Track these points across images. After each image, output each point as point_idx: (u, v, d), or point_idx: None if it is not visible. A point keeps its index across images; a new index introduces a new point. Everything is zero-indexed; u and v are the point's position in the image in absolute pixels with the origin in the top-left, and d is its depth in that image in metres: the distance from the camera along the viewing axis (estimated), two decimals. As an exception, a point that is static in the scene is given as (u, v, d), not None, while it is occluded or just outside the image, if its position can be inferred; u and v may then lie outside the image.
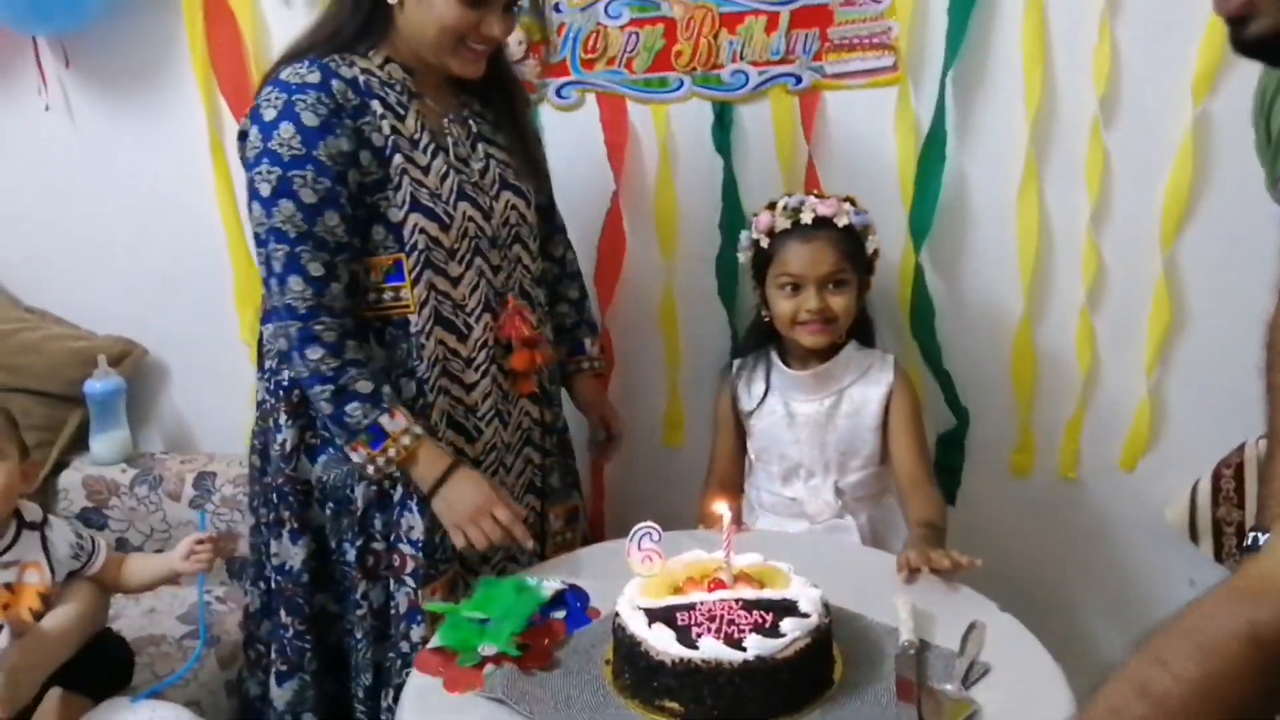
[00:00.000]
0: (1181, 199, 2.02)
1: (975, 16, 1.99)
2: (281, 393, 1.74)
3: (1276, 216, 1.51)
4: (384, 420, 1.63)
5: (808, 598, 1.33)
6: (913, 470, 1.81)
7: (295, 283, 1.62)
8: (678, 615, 1.30)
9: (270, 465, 1.79)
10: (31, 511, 1.73)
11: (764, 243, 1.86)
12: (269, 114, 1.61)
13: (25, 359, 2.32)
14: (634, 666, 1.29)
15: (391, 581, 1.75)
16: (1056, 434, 2.21)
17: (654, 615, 1.31)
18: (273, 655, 1.84)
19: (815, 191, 1.89)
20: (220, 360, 2.41)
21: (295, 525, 1.77)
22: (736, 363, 1.95)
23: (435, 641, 1.47)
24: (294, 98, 1.60)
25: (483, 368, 1.75)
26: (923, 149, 2.06)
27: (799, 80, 2.07)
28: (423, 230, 1.67)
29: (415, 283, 1.68)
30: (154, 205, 2.35)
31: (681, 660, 1.25)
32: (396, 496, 1.72)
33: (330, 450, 1.74)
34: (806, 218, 1.80)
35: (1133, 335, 2.13)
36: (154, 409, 2.49)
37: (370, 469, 1.66)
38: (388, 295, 1.69)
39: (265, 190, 1.61)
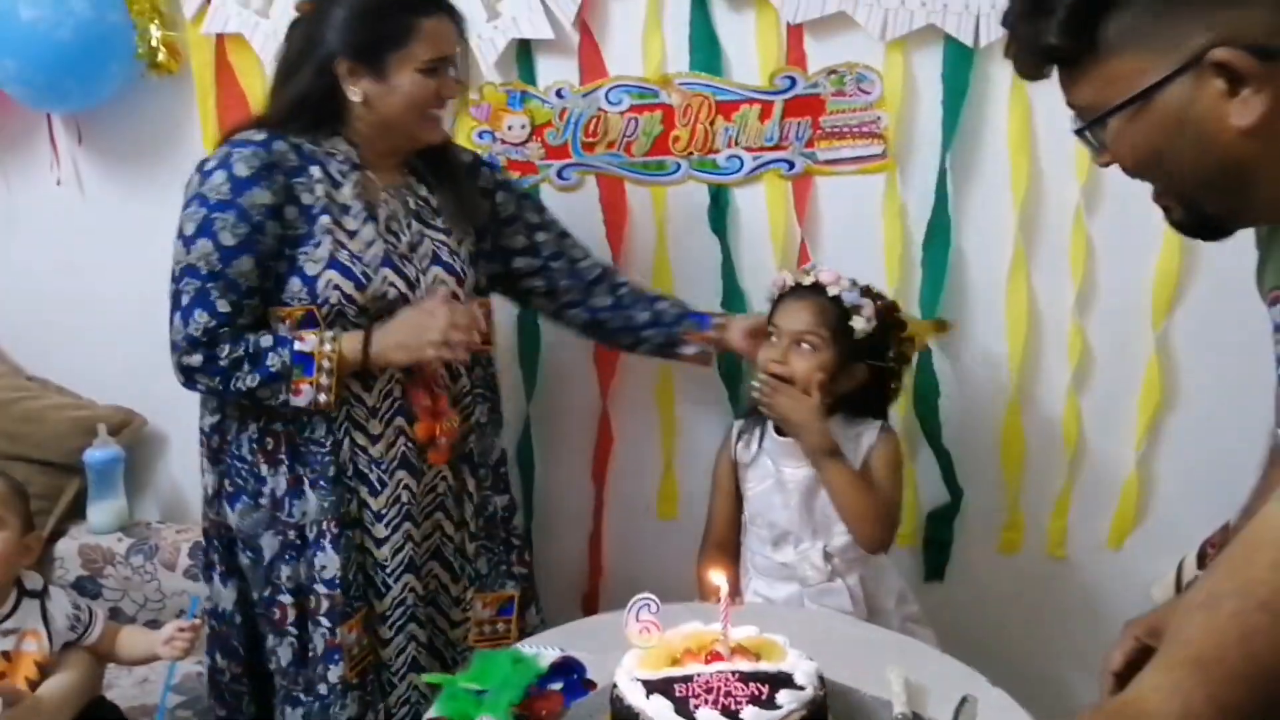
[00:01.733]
0: (1171, 280, 2.09)
1: (964, 108, 2.07)
2: (202, 438, 1.85)
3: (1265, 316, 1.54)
4: (299, 346, 1.70)
5: (803, 670, 1.35)
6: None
7: (201, 315, 1.70)
8: (675, 687, 1.32)
9: (203, 510, 1.89)
10: (32, 580, 1.74)
11: (772, 296, 1.91)
12: (209, 164, 1.73)
13: (26, 427, 2.34)
14: (632, 737, 1.30)
15: (309, 624, 1.80)
16: (1045, 512, 2.25)
17: (651, 687, 1.32)
18: (210, 700, 1.91)
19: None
20: (219, 431, 2.43)
21: (223, 568, 1.87)
22: (737, 425, 1.98)
23: (433, 712, 1.48)
24: (234, 150, 1.73)
25: (386, 419, 1.80)
26: (927, 233, 2.13)
27: (792, 166, 2.15)
28: (337, 286, 1.73)
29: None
30: (159, 279, 2.35)
31: (679, 732, 1.26)
32: (311, 536, 1.78)
33: (243, 498, 1.81)
34: (807, 280, 1.86)
35: (1120, 415, 2.19)
36: (151, 479, 2.51)
37: (322, 398, 1.71)
38: None
39: (189, 229, 1.71)
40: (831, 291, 1.83)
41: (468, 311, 1.77)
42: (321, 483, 1.77)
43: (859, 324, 1.82)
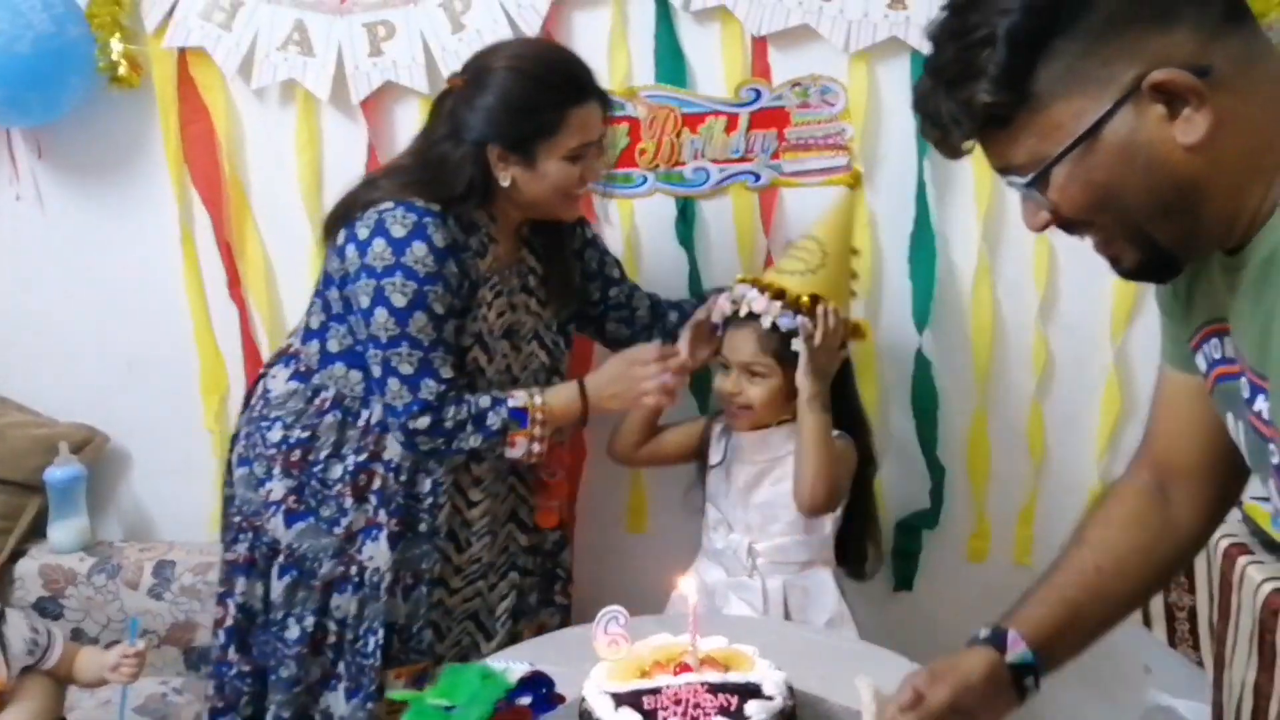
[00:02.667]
0: (1130, 291, 2.11)
1: (928, 119, 2.08)
2: (275, 450, 1.87)
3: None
4: (512, 403, 1.80)
5: (772, 681, 1.35)
6: None
7: (429, 383, 1.77)
8: (644, 699, 1.31)
9: (243, 505, 1.92)
10: (-13, 603, 1.71)
11: (717, 321, 1.92)
12: (398, 231, 1.74)
13: (-15, 446, 2.31)
14: (601, 751, 1.30)
15: (356, 664, 1.85)
16: (1011, 521, 2.27)
17: (620, 699, 1.32)
18: (210, 690, 1.94)
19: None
20: (183, 449, 2.41)
21: (263, 568, 1.90)
22: (716, 419, 2.01)
23: (400, 729, 1.47)
24: (424, 220, 1.75)
25: (487, 489, 1.92)
26: (911, 245, 2.15)
27: (758, 178, 2.16)
28: (475, 359, 1.85)
29: None
30: (121, 295, 2.37)
31: (647, 744, 1.26)
32: (382, 581, 1.84)
33: (309, 519, 1.85)
34: (743, 310, 1.86)
35: (1083, 424, 2.21)
36: (114, 497, 2.47)
37: (535, 448, 1.81)
38: None
39: (399, 301, 1.75)
40: (765, 323, 1.83)
41: (682, 362, 1.86)
42: (410, 535, 1.86)
43: (798, 346, 1.83)
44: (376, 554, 1.85)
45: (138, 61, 2.20)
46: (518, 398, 1.81)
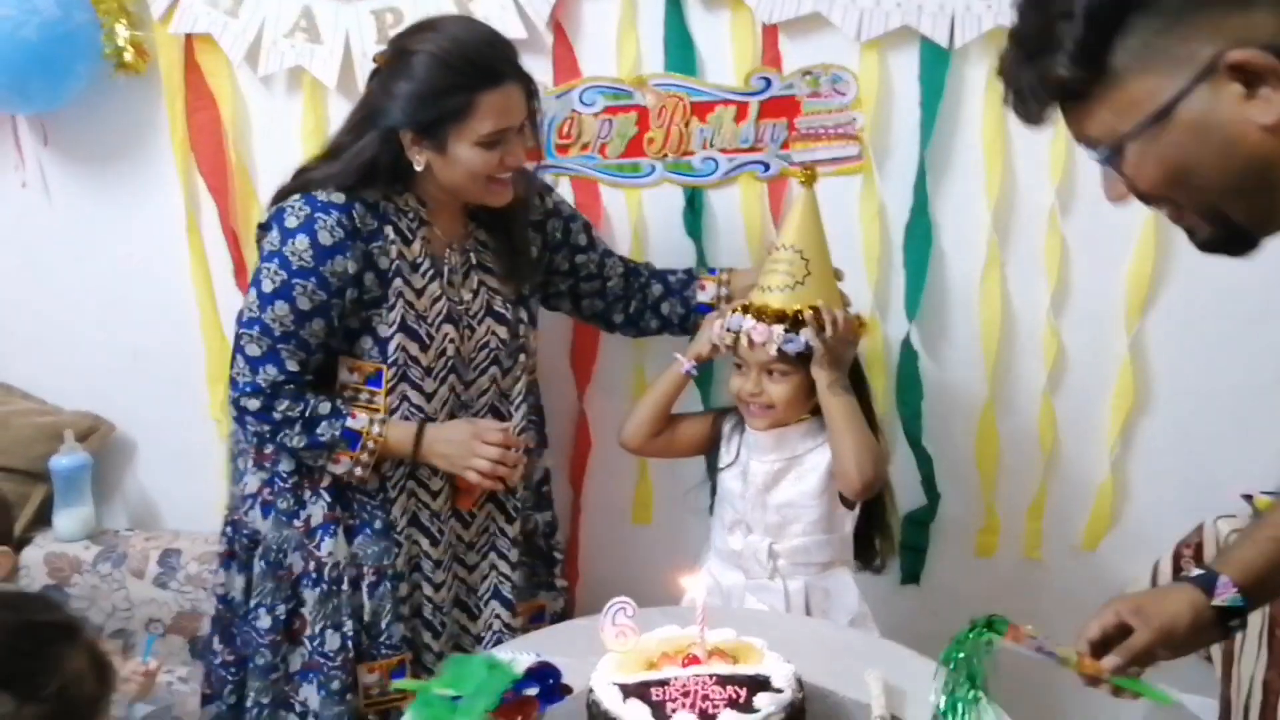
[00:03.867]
0: (1143, 283, 2.09)
1: (940, 109, 2.07)
2: (249, 444, 1.88)
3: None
4: (350, 423, 1.77)
5: (781, 673, 1.34)
6: None
7: (269, 370, 1.77)
8: (652, 691, 1.31)
9: (230, 498, 1.97)
10: None
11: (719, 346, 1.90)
12: (291, 221, 1.75)
13: (-10, 434, 2.30)
14: (608, 743, 1.29)
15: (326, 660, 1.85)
16: (1020, 515, 2.25)
17: (628, 691, 1.31)
18: (202, 678, 1.98)
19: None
20: (188, 437, 2.41)
21: (242, 559, 1.91)
22: (727, 416, 1.98)
23: (407, 718, 1.46)
24: (316, 214, 1.74)
25: (445, 475, 1.87)
26: (906, 234, 2.13)
27: (767, 168, 2.14)
28: (403, 348, 1.80)
29: (390, 391, 1.81)
30: (126, 283, 2.36)
31: (656, 736, 1.25)
32: (343, 576, 1.83)
33: (274, 512, 1.87)
34: (743, 341, 1.82)
35: (1093, 417, 2.19)
36: (119, 486, 2.47)
37: (358, 472, 1.79)
38: (364, 395, 1.83)
39: (267, 287, 1.75)
40: (771, 351, 1.80)
41: (517, 456, 1.86)
42: (367, 530, 1.85)
43: (814, 341, 1.81)
44: (335, 549, 1.84)
45: (144, 48, 2.19)
46: (359, 420, 1.78)
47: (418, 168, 1.77)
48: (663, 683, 1.32)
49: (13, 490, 2.27)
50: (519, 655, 1.56)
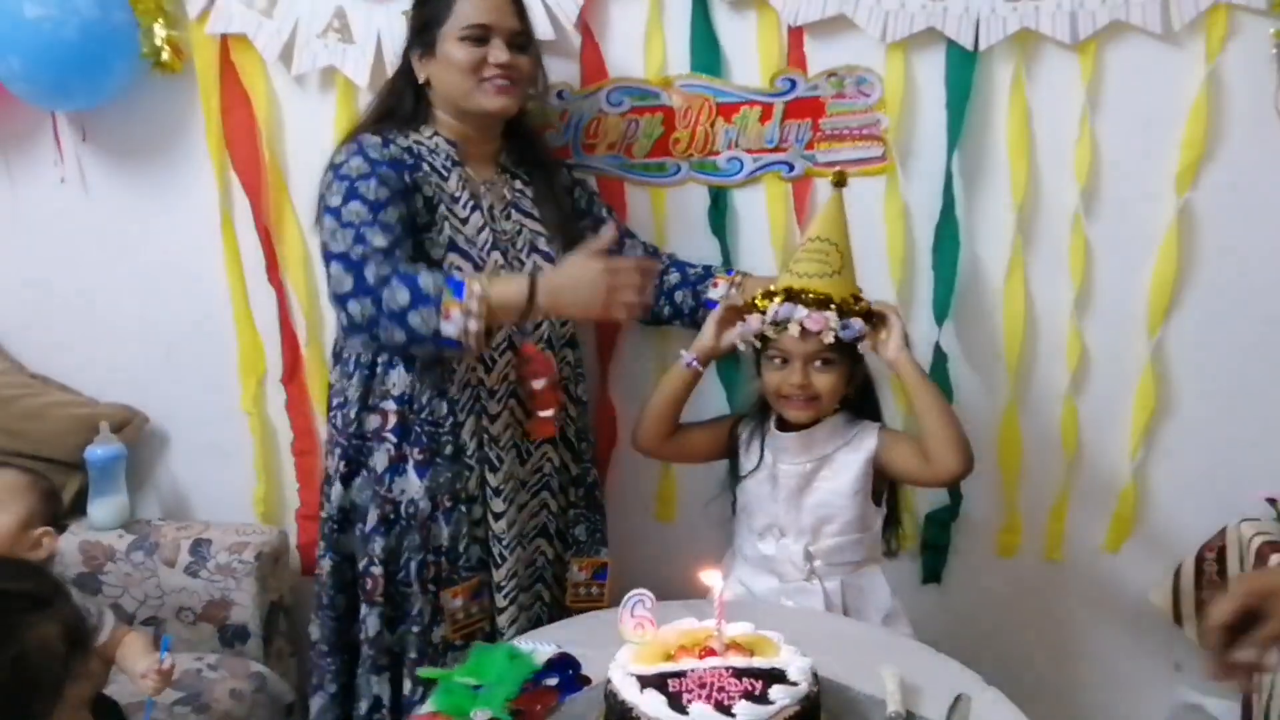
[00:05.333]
0: (1167, 287, 2.09)
1: (967, 113, 2.07)
2: (333, 432, 1.96)
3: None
4: (455, 274, 1.75)
5: (797, 666, 1.36)
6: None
7: (357, 247, 1.74)
8: (669, 682, 1.33)
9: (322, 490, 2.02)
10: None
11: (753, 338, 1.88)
12: (340, 158, 1.85)
13: (28, 424, 2.35)
14: (625, 732, 1.31)
15: (412, 594, 1.90)
16: (1042, 516, 2.25)
17: (646, 681, 1.33)
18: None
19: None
20: (220, 430, 2.45)
21: (331, 545, 1.98)
22: (743, 422, 1.99)
23: (428, 707, 1.48)
24: (363, 143, 1.85)
25: (503, 400, 1.91)
26: (935, 237, 2.14)
27: (792, 168, 2.15)
28: (458, 268, 1.84)
29: None
30: (161, 277, 2.41)
31: (672, 726, 1.27)
32: (420, 511, 1.87)
33: (361, 474, 1.92)
34: (793, 330, 1.80)
35: (1116, 420, 2.19)
36: (151, 477, 2.51)
37: (471, 326, 1.68)
38: None
39: (335, 200, 1.80)
40: (828, 339, 1.79)
41: (631, 269, 1.73)
42: (438, 460, 1.88)
43: (864, 347, 1.83)
44: (408, 486, 1.88)
45: (180, 47, 2.23)
46: (463, 274, 1.77)
47: (421, 80, 1.90)
48: (679, 674, 1.34)
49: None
50: (539, 646, 1.59)
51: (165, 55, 2.21)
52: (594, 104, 2.17)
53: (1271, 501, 2.03)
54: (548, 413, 1.92)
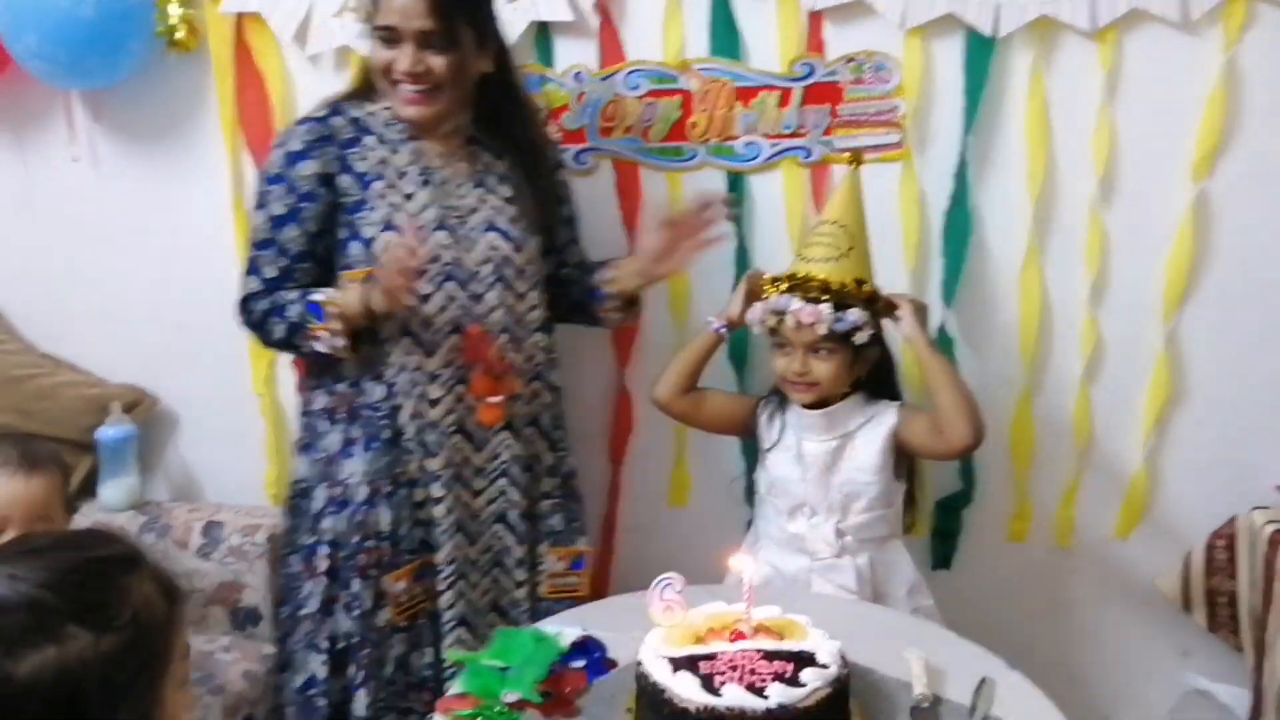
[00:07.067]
0: (1182, 275, 2.10)
1: (983, 99, 2.08)
2: (270, 346, 1.96)
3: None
4: (311, 297, 1.81)
5: (826, 649, 1.36)
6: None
7: (251, 281, 1.87)
8: (700, 664, 1.33)
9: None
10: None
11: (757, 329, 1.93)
12: (275, 143, 1.90)
13: (39, 404, 2.34)
14: (658, 714, 1.31)
15: (355, 580, 1.87)
16: (1053, 502, 2.27)
17: (678, 664, 1.33)
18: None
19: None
20: (231, 412, 2.44)
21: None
22: (764, 400, 2.01)
23: (457, 689, 1.49)
24: (292, 130, 1.88)
25: (448, 385, 1.87)
26: (945, 223, 2.14)
27: (809, 153, 2.15)
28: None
29: None
30: (173, 258, 2.40)
31: (706, 708, 1.27)
32: (364, 494, 1.86)
33: (311, 450, 1.93)
34: (790, 322, 1.84)
35: (1129, 408, 2.20)
36: (161, 458, 2.51)
37: (338, 343, 1.80)
38: None
39: (254, 203, 1.89)
40: (821, 330, 1.82)
41: (397, 255, 1.74)
42: (375, 444, 1.86)
43: (860, 338, 1.84)
44: (353, 468, 1.88)
45: (195, 26, 2.21)
46: (321, 293, 1.81)
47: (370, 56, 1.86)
48: (710, 657, 1.34)
49: (60, 460, 2.32)
50: (564, 629, 1.60)
51: (180, 34, 2.19)
52: (611, 87, 2.17)
53: (1282, 491, 2.04)
54: (496, 399, 1.87)
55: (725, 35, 2.12)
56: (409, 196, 1.84)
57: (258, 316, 1.86)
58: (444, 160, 1.89)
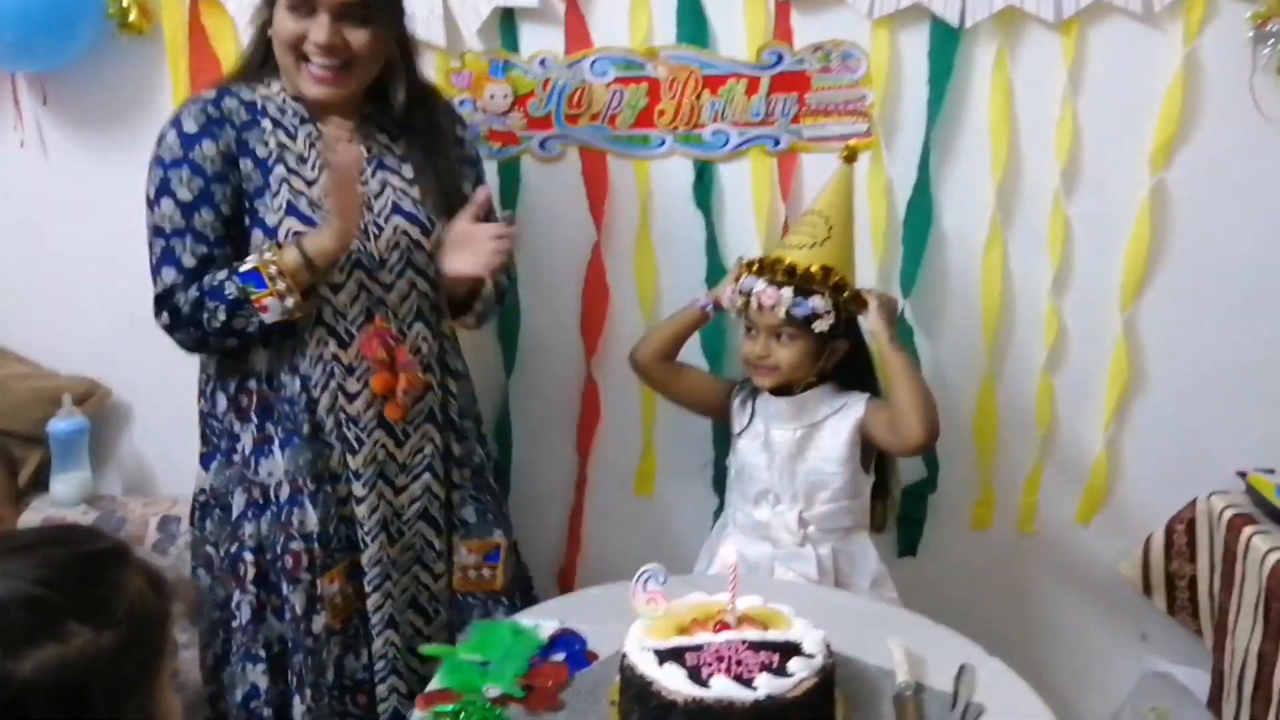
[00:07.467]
0: (1140, 264, 2.13)
1: (949, 88, 2.09)
2: (193, 347, 1.83)
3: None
4: (243, 267, 1.70)
5: (811, 639, 1.36)
6: None
7: (168, 273, 1.74)
8: (687, 656, 1.32)
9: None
10: None
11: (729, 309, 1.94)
12: (163, 127, 1.77)
13: (-14, 397, 2.27)
14: (644, 707, 1.30)
15: (284, 580, 1.80)
16: (1016, 489, 2.29)
17: (664, 655, 1.32)
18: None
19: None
20: (185, 403, 2.33)
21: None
22: (738, 385, 2.01)
23: (436, 684, 1.47)
24: (182, 110, 1.77)
25: (363, 379, 1.79)
26: (907, 212, 2.15)
27: (777, 142, 2.15)
28: (297, 234, 1.73)
29: None
30: (124, 246, 2.26)
31: (693, 700, 1.26)
32: (285, 494, 1.78)
33: (218, 457, 1.84)
34: (754, 304, 1.84)
35: (1090, 395, 2.23)
36: (114, 451, 2.44)
37: (290, 303, 1.69)
38: None
39: (151, 192, 1.75)
40: (780, 314, 1.83)
41: (344, 173, 1.67)
42: (295, 439, 1.78)
43: (819, 326, 1.84)
44: (273, 468, 1.79)
45: (148, 8, 2.15)
46: (248, 262, 1.70)
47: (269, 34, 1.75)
48: (696, 648, 1.34)
49: (9, 454, 2.25)
50: (542, 622, 1.58)
51: (132, 16, 2.13)
52: (578, 73, 2.14)
53: (1242, 475, 2.08)
54: (398, 395, 1.79)
55: (693, 23, 2.11)
56: (311, 182, 1.76)
57: (188, 310, 1.72)
58: (341, 142, 1.78)
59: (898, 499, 2.09)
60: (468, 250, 1.79)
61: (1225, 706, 2.04)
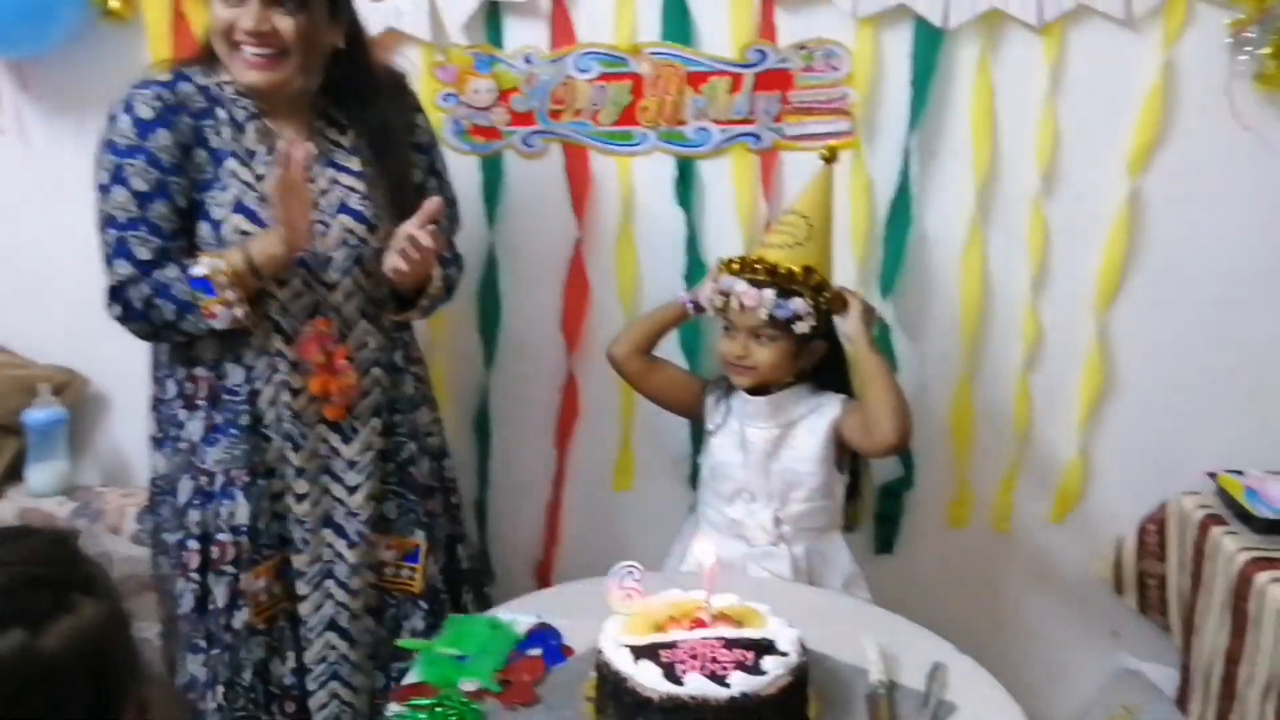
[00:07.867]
0: (1116, 268, 2.16)
1: (931, 89, 2.10)
2: (146, 338, 1.82)
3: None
4: (194, 271, 1.68)
5: (785, 637, 1.37)
6: None
7: (121, 266, 1.72)
8: (661, 653, 1.33)
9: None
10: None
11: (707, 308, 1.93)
12: (115, 109, 1.72)
13: (-38, 386, 2.26)
14: (619, 703, 1.31)
15: (210, 575, 1.78)
16: (991, 488, 2.31)
17: (639, 652, 1.33)
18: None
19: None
20: (164, 393, 2.37)
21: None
22: (713, 384, 2.01)
23: (413, 678, 1.47)
24: (134, 93, 1.72)
25: (309, 373, 1.78)
26: (889, 212, 2.16)
27: (759, 140, 2.16)
28: (243, 231, 1.71)
29: None
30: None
31: (668, 697, 1.27)
32: (219, 484, 1.76)
33: (167, 444, 1.83)
34: (734, 304, 1.84)
35: (1064, 397, 2.25)
36: (91, 442, 2.43)
37: (238, 313, 1.68)
38: None
39: (103, 178, 1.72)
40: (762, 315, 1.83)
41: (290, 180, 1.64)
42: (233, 430, 1.77)
43: (800, 327, 1.84)
44: (216, 457, 1.77)
45: (130, -6, 2.14)
46: (202, 265, 1.68)
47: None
48: (671, 645, 1.35)
49: (-16, 442, 2.24)
50: (518, 617, 1.59)
51: (114, 2, 2.12)
52: (561, 69, 2.15)
53: (1213, 476, 2.11)
54: (334, 397, 1.78)
55: (677, 19, 2.11)
56: (260, 178, 1.72)
57: (139, 305, 1.71)
58: (290, 140, 1.74)
59: (870, 499, 2.10)
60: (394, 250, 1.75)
61: (1192, 704, 2.07)
